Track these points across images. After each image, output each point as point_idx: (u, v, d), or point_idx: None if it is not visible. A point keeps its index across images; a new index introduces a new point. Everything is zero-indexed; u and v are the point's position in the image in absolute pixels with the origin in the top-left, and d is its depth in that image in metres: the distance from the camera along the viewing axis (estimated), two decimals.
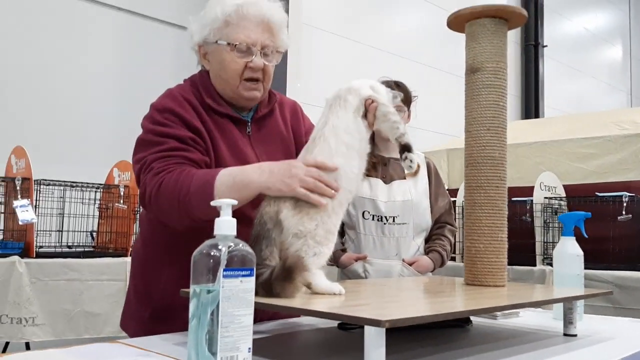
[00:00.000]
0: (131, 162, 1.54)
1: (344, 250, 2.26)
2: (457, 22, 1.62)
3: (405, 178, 2.26)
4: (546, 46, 8.22)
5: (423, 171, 2.31)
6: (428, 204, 2.27)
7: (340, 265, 2.25)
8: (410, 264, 2.19)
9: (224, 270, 0.92)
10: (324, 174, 1.30)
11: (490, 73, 1.55)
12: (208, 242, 0.96)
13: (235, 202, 1.03)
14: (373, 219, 2.19)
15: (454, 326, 1.50)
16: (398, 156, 1.43)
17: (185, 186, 1.33)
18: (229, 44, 1.48)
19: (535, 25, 8.06)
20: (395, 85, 2.23)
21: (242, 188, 1.30)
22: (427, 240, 2.31)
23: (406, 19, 6.47)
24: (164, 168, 1.38)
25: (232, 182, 1.31)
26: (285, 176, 1.28)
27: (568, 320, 1.44)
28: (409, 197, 2.22)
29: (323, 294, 1.24)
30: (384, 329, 0.92)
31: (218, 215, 1.10)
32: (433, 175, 2.33)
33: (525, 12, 1.59)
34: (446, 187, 2.44)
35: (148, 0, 4.25)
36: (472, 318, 1.56)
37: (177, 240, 1.42)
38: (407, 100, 2.30)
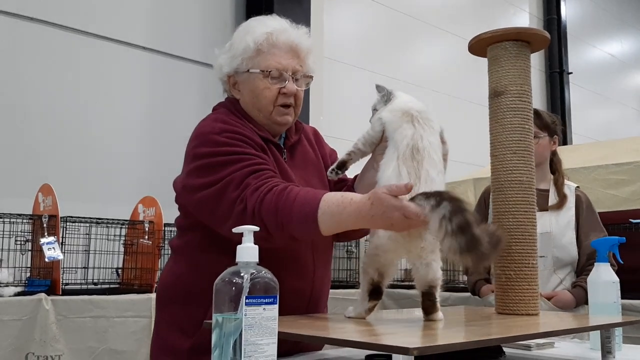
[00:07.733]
0: (175, 189, 1.53)
1: (487, 280, 2.29)
2: (479, 46, 1.61)
3: (547, 209, 2.25)
4: (571, 73, 8.17)
5: (570, 203, 2.27)
6: (572, 237, 2.24)
7: (480, 295, 2.29)
8: (549, 298, 2.15)
9: (247, 298, 0.90)
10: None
11: (514, 96, 1.53)
12: (230, 269, 0.94)
13: (257, 228, 1.01)
14: None
15: (485, 357, 1.44)
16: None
17: (286, 210, 1.30)
18: (262, 71, 1.51)
19: (559, 53, 8.03)
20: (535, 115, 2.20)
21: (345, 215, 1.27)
22: (578, 275, 2.29)
23: (427, 49, 6.50)
24: (262, 183, 1.35)
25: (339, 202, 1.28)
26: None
27: (606, 350, 1.38)
28: (548, 229, 2.19)
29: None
30: (412, 357, 0.88)
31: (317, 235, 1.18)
32: (584, 208, 2.29)
33: (547, 35, 1.58)
34: None
35: (173, 39, 4.33)
36: (505, 349, 1.49)
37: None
38: (546, 125, 2.31)
